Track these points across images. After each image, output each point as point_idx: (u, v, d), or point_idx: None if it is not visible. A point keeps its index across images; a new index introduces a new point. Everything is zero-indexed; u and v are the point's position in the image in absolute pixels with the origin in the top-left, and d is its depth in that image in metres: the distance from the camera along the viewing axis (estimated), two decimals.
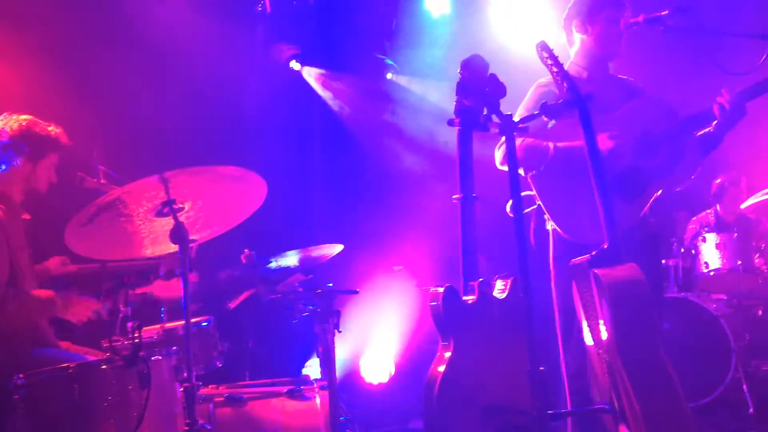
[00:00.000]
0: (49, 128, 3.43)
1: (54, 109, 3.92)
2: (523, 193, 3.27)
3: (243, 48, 5.40)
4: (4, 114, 3.43)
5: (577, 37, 3.40)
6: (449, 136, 2.83)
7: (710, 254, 5.36)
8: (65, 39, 4.66)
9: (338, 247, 3.62)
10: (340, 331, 3.43)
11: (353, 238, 4.73)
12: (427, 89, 5.94)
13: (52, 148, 3.43)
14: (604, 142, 3.12)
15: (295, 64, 5.71)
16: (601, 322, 2.60)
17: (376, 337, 5.65)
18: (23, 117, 3.42)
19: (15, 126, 3.38)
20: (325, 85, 5.93)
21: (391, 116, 5.98)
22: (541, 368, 2.39)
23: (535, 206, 3.34)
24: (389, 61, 6.02)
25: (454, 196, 2.79)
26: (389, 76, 6.05)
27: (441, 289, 2.67)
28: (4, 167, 3.40)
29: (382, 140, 5.95)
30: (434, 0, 5.94)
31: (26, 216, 3.50)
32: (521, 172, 3.22)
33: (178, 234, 2.74)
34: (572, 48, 3.44)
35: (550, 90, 3.21)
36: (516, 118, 3.18)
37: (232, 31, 5.20)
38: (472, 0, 5.95)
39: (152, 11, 4.89)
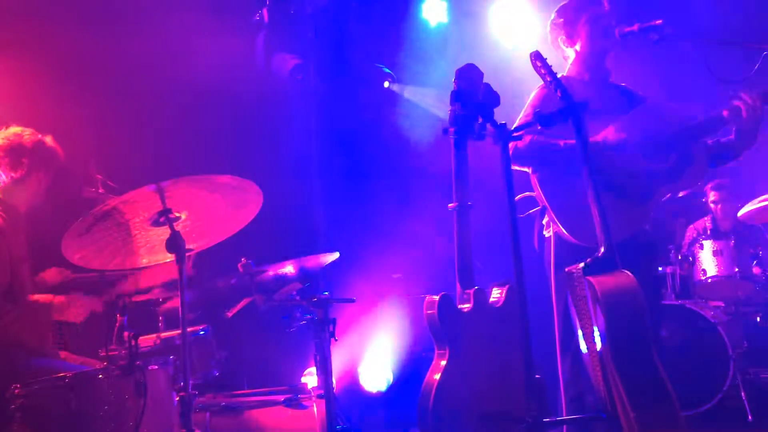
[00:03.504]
0: (41, 135, 3.49)
1: (53, 118, 3.94)
2: (525, 194, 3.30)
3: (240, 57, 5.42)
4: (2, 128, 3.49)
5: (569, 51, 3.46)
6: (445, 145, 2.84)
7: (708, 261, 5.36)
8: (64, 49, 4.68)
9: (335, 255, 3.63)
10: (336, 340, 3.44)
11: (350, 246, 4.74)
12: (423, 98, 5.96)
13: (47, 154, 3.48)
14: (612, 134, 3.14)
15: (297, 74, 5.72)
16: (595, 329, 2.61)
17: (374, 346, 5.66)
18: (18, 129, 3.46)
19: (12, 137, 3.43)
20: (323, 93, 5.95)
21: (389, 125, 6.00)
22: (537, 376, 2.40)
23: (539, 208, 3.35)
24: (386, 70, 6.04)
25: (449, 205, 2.80)
26: (386, 84, 6.07)
27: (436, 298, 2.68)
28: (5, 178, 3.43)
29: (380, 148, 5.96)
30: (432, 9, 5.97)
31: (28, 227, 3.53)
32: (527, 170, 3.24)
33: (174, 243, 2.75)
34: (568, 62, 3.48)
35: (551, 92, 3.22)
36: (518, 121, 3.23)
37: (230, 40, 5.21)
38: (469, 9, 5.98)
39: (151, 22, 4.91)
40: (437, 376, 2.61)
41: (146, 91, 4.89)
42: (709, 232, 5.70)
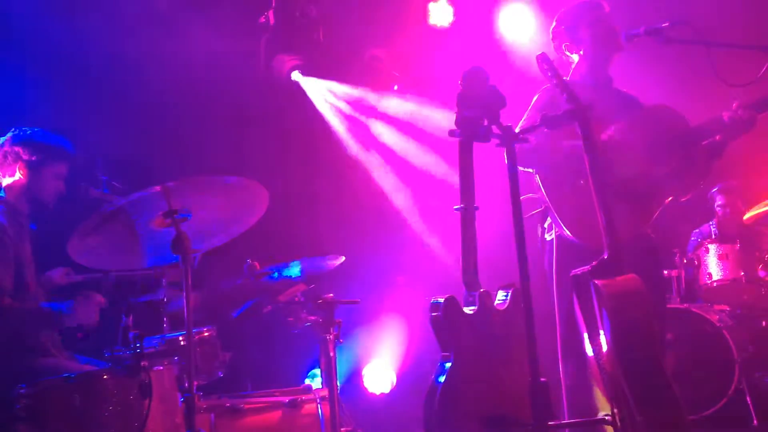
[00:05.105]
0: (53, 138, 3.47)
1: (58, 119, 3.95)
2: (527, 196, 3.29)
3: (247, 59, 5.43)
4: (16, 127, 3.49)
5: (574, 57, 3.47)
6: (451, 147, 2.84)
7: (713, 265, 5.35)
8: (69, 50, 4.69)
9: (340, 259, 3.63)
10: (341, 341, 3.44)
11: (355, 247, 4.74)
12: (429, 100, 5.96)
13: (55, 157, 3.46)
14: (615, 138, 3.15)
15: (297, 75, 5.74)
16: (601, 332, 2.60)
17: (378, 347, 5.66)
18: (22, 130, 3.47)
19: (19, 135, 3.43)
20: (326, 96, 5.96)
21: (393, 126, 6.00)
22: (542, 379, 2.39)
23: (540, 209, 3.35)
24: (395, 73, 6.04)
25: (455, 207, 2.79)
26: (395, 88, 6.07)
27: (441, 300, 2.67)
28: (9, 179, 3.43)
29: (385, 150, 5.97)
30: (438, 11, 5.97)
31: (32, 227, 3.52)
32: (531, 170, 3.24)
33: (179, 244, 2.75)
34: (571, 67, 3.48)
35: (557, 94, 3.22)
36: (522, 123, 3.23)
37: (236, 42, 5.23)
38: (475, 12, 5.98)
39: (156, 22, 4.92)
40: (442, 379, 2.60)
41: (152, 91, 4.90)
42: (714, 236, 5.68)
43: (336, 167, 5.85)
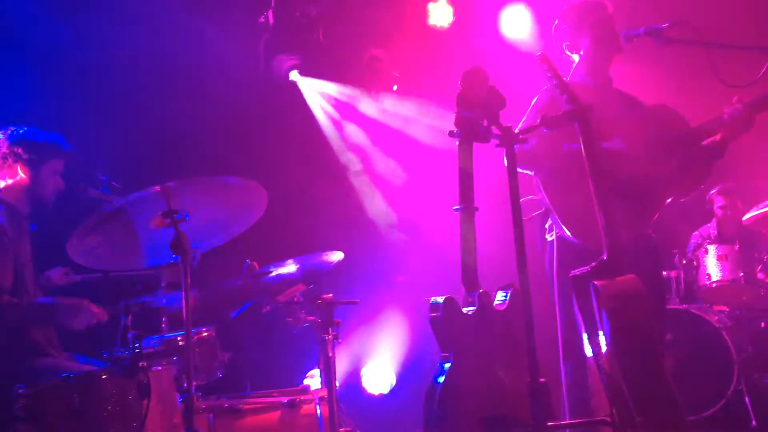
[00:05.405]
0: (48, 135, 3.47)
1: (57, 119, 3.94)
2: (528, 198, 3.29)
3: (246, 58, 5.43)
4: (6, 127, 3.48)
5: (574, 56, 3.46)
6: (450, 147, 2.83)
7: (712, 266, 5.36)
8: (69, 49, 4.69)
9: (339, 255, 3.62)
10: (340, 342, 3.44)
11: (355, 247, 4.73)
12: (429, 100, 5.96)
13: (52, 154, 3.47)
14: (615, 139, 3.14)
15: (295, 75, 5.74)
16: (600, 333, 2.60)
17: (377, 348, 5.65)
18: (19, 128, 3.46)
19: (13, 135, 3.43)
20: (324, 96, 5.96)
21: (393, 126, 6.00)
22: (542, 379, 2.39)
23: (541, 211, 3.35)
24: (395, 74, 6.04)
25: (454, 207, 2.79)
26: (394, 88, 6.07)
27: (441, 300, 2.67)
28: (9, 180, 3.42)
29: (384, 150, 5.97)
30: (438, 11, 5.97)
31: (32, 227, 3.52)
32: (530, 173, 3.23)
33: (178, 244, 2.75)
34: (572, 66, 3.48)
35: (557, 95, 3.22)
36: (522, 124, 3.22)
37: (235, 41, 5.23)
38: (475, 12, 5.98)
39: (155, 23, 4.92)
40: (441, 379, 2.60)
41: (152, 91, 4.90)
42: (713, 236, 5.69)
43: (336, 167, 5.85)
